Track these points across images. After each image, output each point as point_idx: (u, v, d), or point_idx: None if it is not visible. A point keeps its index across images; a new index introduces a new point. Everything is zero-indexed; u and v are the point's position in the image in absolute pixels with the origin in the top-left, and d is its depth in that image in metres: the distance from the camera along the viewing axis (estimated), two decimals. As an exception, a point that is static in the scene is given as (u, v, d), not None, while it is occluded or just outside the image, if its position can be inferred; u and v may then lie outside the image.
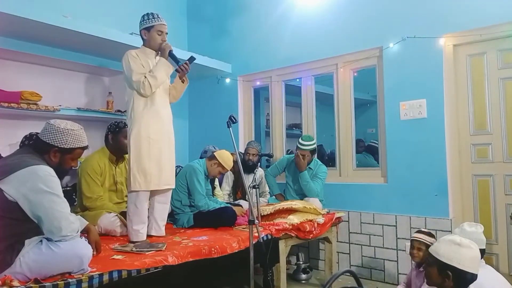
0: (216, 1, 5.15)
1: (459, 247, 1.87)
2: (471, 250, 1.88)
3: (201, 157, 4.23)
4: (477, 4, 3.36)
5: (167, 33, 2.92)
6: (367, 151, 4.88)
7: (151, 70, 2.82)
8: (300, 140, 3.96)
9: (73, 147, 2.09)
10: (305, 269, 3.95)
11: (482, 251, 2.33)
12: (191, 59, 2.99)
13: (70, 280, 1.90)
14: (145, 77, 2.76)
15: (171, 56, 2.87)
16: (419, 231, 2.74)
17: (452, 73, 3.62)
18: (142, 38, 2.94)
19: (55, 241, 1.91)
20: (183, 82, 3.06)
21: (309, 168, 3.94)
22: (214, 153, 3.52)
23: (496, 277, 2.39)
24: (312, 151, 3.91)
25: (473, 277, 1.86)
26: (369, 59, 4.01)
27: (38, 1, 3.70)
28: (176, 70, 2.95)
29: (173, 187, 3.05)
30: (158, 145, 2.84)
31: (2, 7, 2.92)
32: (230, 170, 4.24)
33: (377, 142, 4.67)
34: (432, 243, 2.52)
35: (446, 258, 1.86)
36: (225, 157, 3.48)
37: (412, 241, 2.72)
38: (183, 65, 2.94)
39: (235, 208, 3.47)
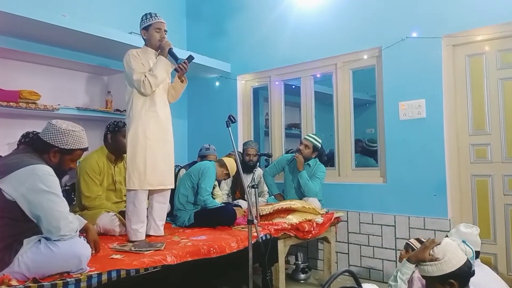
0: (215, 1, 5.15)
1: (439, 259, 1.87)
2: (447, 250, 1.88)
3: (198, 156, 4.24)
4: (476, 4, 3.36)
5: (166, 31, 2.93)
6: (363, 153, 4.86)
7: (151, 68, 2.82)
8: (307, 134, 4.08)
9: (73, 148, 2.09)
10: (304, 269, 3.95)
11: (477, 253, 2.35)
12: (190, 58, 2.99)
13: (68, 279, 1.90)
14: (145, 76, 2.77)
15: (171, 54, 2.87)
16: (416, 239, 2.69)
17: (451, 73, 3.62)
18: (143, 39, 2.95)
19: (54, 240, 1.90)
20: (182, 82, 3.06)
21: (307, 164, 3.94)
22: (225, 162, 3.60)
23: (492, 276, 2.39)
24: (314, 147, 3.90)
25: (470, 266, 1.86)
26: (368, 59, 4.01)
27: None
28: (175, 70, 2.95)
29: (171, 187, 3.04)
30: (154, 145, 2.84)
31: (0, 6, 2.92)
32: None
33: (373, 146, 4.68)
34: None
35: (437, 272, 1.86)
36: (233, 166, 3.61)
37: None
38: (181, 64, 2.94)
39: (235, 209, 3.46)
